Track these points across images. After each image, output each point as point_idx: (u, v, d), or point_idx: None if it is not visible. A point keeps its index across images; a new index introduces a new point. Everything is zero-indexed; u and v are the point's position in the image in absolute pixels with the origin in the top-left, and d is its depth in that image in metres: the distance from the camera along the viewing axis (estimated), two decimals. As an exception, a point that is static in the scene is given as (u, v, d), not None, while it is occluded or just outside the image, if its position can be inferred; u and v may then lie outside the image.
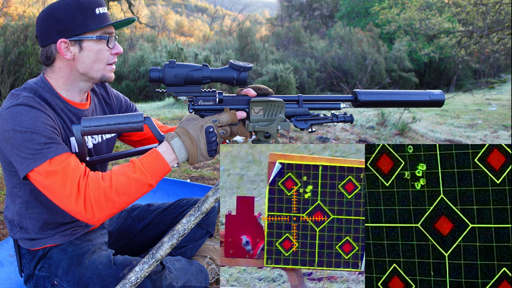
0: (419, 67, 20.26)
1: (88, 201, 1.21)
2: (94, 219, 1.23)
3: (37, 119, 1.25)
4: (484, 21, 8.67)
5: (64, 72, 1.37)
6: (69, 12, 1.30)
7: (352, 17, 24.76)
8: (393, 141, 5.97)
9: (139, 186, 1.25)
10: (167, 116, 6.07)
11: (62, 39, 1.31)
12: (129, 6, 8.06)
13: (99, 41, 1.35)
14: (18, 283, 1.67)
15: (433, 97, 1.37)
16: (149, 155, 1.28)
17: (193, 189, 2.55)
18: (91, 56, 1.34)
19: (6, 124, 1.24)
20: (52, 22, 1.30)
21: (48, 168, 1.21)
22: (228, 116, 1.32)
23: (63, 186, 1.20)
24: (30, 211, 1.40)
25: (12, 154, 1.25)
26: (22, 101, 1.26)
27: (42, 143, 1.22)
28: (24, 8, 15.75)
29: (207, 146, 1.28)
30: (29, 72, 10.60)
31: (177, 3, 54.92)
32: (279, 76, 10.61)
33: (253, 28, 17.19)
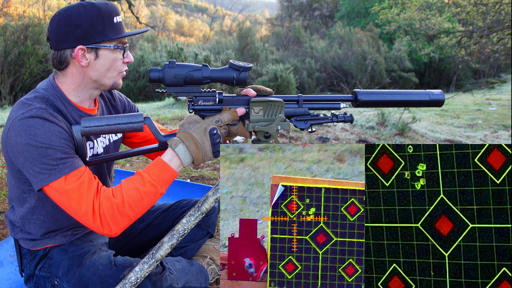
0: (419, 67, 20.27)
1: (104, 219, 1.24)
2: (111, 233, 1.27)
3: (52, 133, 1.23)
4: (484, 21, 8.67)
5: (76, 78, 1.35)
6: (89, 19, 1.27)
7: (352, 17, 24.76)
8: (393, 141, 5.97)
9: (151, 197, 1.28)
10: (167, 116, 6.07)
11: (80, 46, 1.28)
12: (129, 6, 8.06)
13: (115, 50, 1.33)
14: (18, 283, 1.67)
15: (433, 97, 1.37)
16: (156, 166, 1.28)
17: (193, 189, 2.55)
18: (105, 64, 1.33)
19: (19, 136, 1.22)
20: (70, 27, 1.27)
21: (64, 186, 1.23)
22: (229, 115, 1.32)
23: (79, 205, 1.23)
24: (36, 217, 1.41)
25: (26, 166, 1.24)
26: (35, 113, 1.24)
27: (57, 158, 1.22)
28: (24, 8, 15.74)
29: (212, 147, 1.29)
30: (29, 72, 10.61)
31: (177, 3, 54.91)
32: (279, 76, 10.61)
33: (253, 28, 17.19)
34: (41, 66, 11.02)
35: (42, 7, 16.92)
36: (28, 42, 10.68)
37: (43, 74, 11.05)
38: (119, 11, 1.36)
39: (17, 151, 1.24)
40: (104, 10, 1.29)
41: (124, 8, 8.95)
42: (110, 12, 1.30)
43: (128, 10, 8.70)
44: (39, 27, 11.19)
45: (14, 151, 1.25)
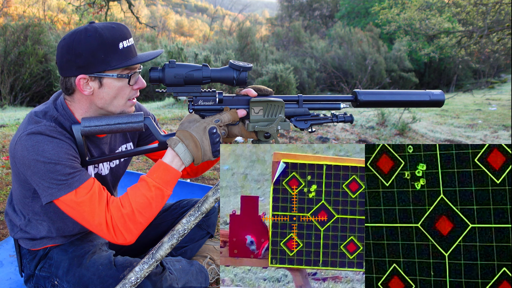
0: (419, 67, 20.27)
1: (117, 229, 1.25)
2: (126, 242, 1.28)
3: (60, 148, 1.23)
4: (484, 21, 8.66)
5: (83, 104, 1.33)
6: (90, 47, 1.22)
7: (352, 17, 24.76)
8: (393, 141, 5.97)
9: (159, 200, 1.28)
10: (167, 116, 6.07)
11: (81, 75, 1.25)
12: (129, 6, 8.05)
13: (121, 78, 1.29)
14: (18, 283, 1.67)
15: (433, 97, 1.37)
16: (158, 169, 1.28)
17: (193, 189, 2.55)
18: (111, 93, 1.29)
19: (27, 152, 1.22)
20: (72, 56, 1.24)
21: (75, 199, 1.23)
22: (230, 115, 1.31)
23: (92, 216, 1.24)
24: (38, 222, 1.41)
25: (34, 179, 1.24)
26: (43, 130, 1.24)
27: (66, 173, 1.23)
28: (24, 8, 15.74)
29: (211, 147, 1.28)
30: (29, 72, 10.61)
31: (177, 3, 54.89)
32: (279, 76, 10.61)
33: (253, 28, 17.19)
34: (41, 66, 11.02)
35: (42, 7, 16.93)
36: (28, 42, 10.68)
37: (43, 74, 11.05)
38: (127, 34, 1.29)
39: (23, 164, 1.24)
40: (107, 37, 1.23)
41: (124, 8, 8.94)
42: (115, 39, 1.24)
43: (128, 10, 8.70)
44: (39, 27, 11.19)
45: (21, 164, 1.25)
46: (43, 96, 11.06)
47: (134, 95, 1.35)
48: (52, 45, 11.34)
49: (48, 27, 12.20)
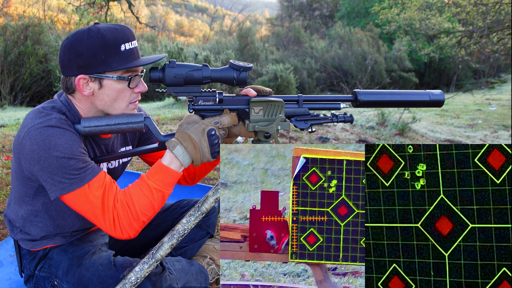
0: (419, 67, 20.28)
1: (123, 227, 1.27)
2: (130, 237, 1.31)
3: (74, 142, 1.23)
4: (484, 21, 8.66)
5: (84, 104, 1.33)
6: (91, 48, 1.22)
7: (352, 17, 24.77)
8: (393, 141, 5.97)
9: (160, 201, 1.30)
10: (167, 116, 6.07)
11: (81, 75, 1.25)
12: (129, 6, 8.05)
13: (121, 81, 1.28)
14: (18, 283, 1.67)
15: (433, 97, 1.37)
16: (158, 171, 1.29)
17: (193, 189, 2.55)
18: (111, 94, 1.29)
19: (37, 146, 1.21)
20: (73, 55, 1.24)
21: (88, 193, 1.24)
22: (230, 118, 1.31)
23: (103, 213, 1.26)
24: (38, 220, 1.41)
25: (42, 174, 1.23)
26: (54, 123, 1.23)
27: (79, 168, 1.22)
28: (24, 8, 15.74)
29: (210, 148, 1.28)
30: (29, 72, 10.61)
31: (177, 3, 54.88)
32: (279, 76, 10.61)
33: (253, 28, 17.19)
34: (41, 66, 11.02)
35: (42, 7, 16.93)
36: (28, 42, 10.68)
37: (43, 74, 11.04)
38: (130, 36, 1.28)
39: (32, 159, 1.22)
40: (109, 38, 1.23)
41: (124, 8, 8.93)
42: (117, 40, 1.24)
43: (128, 10, 8.69)
44: (39, 27, 11.19)
45: (29, 159, 1.23)
46: (43, 96, 11.06)
47: (135, 99, 1.35)
48: (52, 45, 11.34)
49: (48, 27, 12.20)
